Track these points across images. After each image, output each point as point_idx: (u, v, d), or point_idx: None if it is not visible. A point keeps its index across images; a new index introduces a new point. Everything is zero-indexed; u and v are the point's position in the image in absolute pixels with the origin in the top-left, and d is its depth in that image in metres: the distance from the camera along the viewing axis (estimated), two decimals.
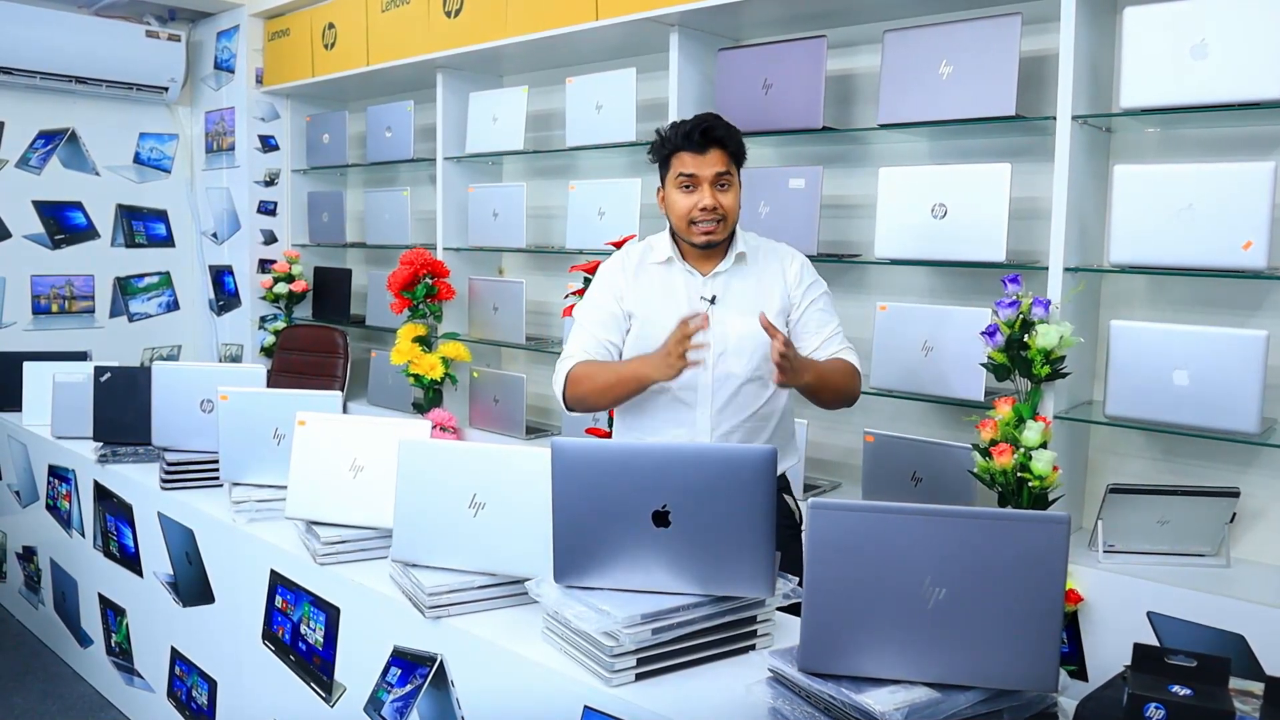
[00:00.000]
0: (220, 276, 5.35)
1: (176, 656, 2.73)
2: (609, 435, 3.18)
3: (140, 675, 2.96)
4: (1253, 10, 2.23)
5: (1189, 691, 1.26)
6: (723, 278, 2.17)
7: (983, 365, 2.58)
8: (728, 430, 2.15)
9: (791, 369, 1.95)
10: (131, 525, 2.87)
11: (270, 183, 5.19)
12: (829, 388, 2.13)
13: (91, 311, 5.14)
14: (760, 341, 2.12)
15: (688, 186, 2.12)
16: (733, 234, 2.19)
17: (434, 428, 3.76)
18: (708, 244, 2.14)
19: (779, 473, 2.23)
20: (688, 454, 1.55)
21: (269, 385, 2.74)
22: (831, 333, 2.20)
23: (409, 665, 1.85)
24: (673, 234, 2.22)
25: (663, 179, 2.20)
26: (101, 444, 3.02)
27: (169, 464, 2.69)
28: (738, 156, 2.17)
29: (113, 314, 5.22)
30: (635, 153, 3.67)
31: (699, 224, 2.11)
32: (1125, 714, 1.26)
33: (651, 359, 2.04)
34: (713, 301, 2.15)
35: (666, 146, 2.16)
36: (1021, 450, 2.41)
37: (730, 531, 1.52)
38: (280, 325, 5.04)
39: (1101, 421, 2.52)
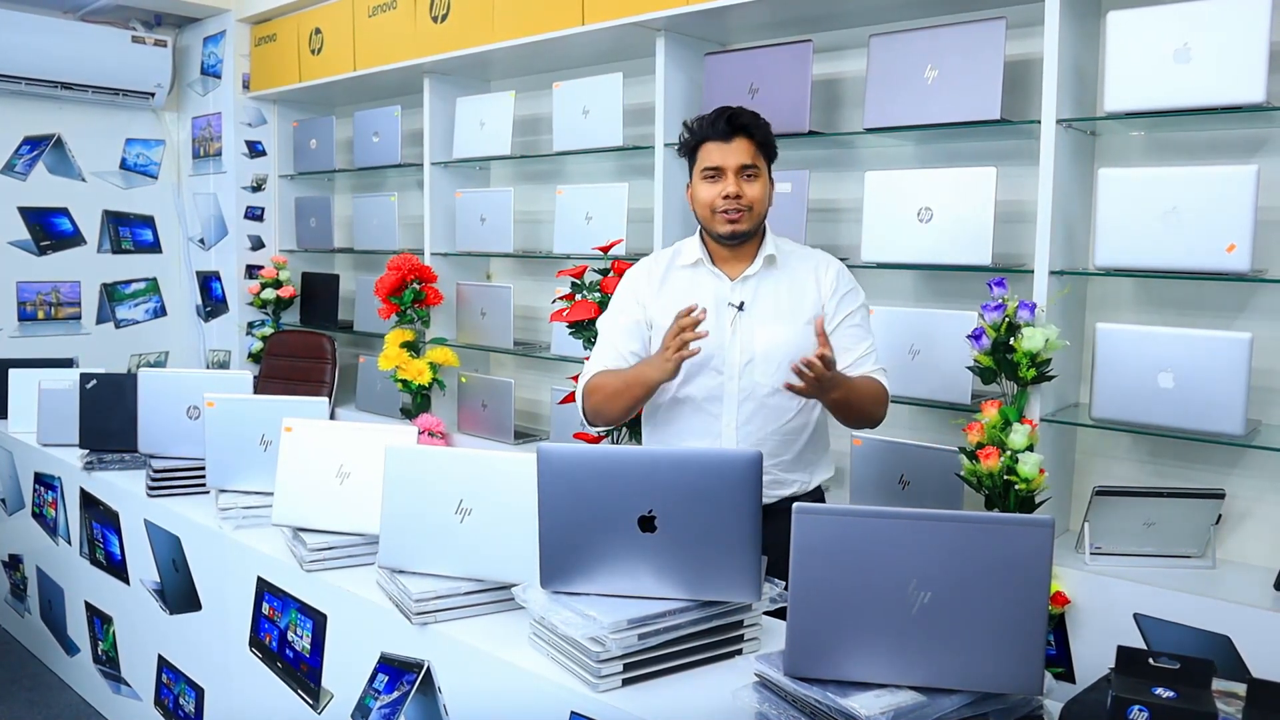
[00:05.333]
0: (208, 282, 5.33)
1: (164, 664, 2.72)
2: (597, 440, 3.18)
3: (127, 683, 2.94)
4: (1234, 15, 2.24)
5: (1172, 694, 1.26)
6: (752, 281, 2.11)
7: (969, 368, 2.59)
8: (754, 443, 2.07)
9: (816, 383, 1.87)
10: (118, 532, 2.85)
11: (258, 188, 5.17)
12: (854, 409, 2.06)
13: (78, 318, 5.11)
14: (789, 350, 2.03)
15: (713, 177, 2.06)
16: (763, 236, 2.13)
17: (422, 433, 3.76)
18: (733, 234, 2.06)
19: (814, 486, 2.18)
20: (673, 459, 1.55)
21: (257, 391, 2.74)
22: (864, 353, 2.11)
23: (396, 672, 1.85)
24: (702, 237, 2.15)
25: (691, 174, 2.13)
26: (87, 451, 3.00)
27: (155, 471, 2.68)
28: (766, 149, 2.10)
29: (99, 320, 5.19)
30: (623, 157, 3.68)
31: (723, 212, 2.04)
32: (1109, 716, 1.27)
33: (652, 359, 2.01)
34: (740, 308, 2.08)
35: (694, 138, 2.10)
36: (1008, 453, 2.42)
37: (716, 536, 1.52)
38: (268, 331, 5.03)
39: (1088, 424, 2.53)
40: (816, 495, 2.22)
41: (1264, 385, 2.44)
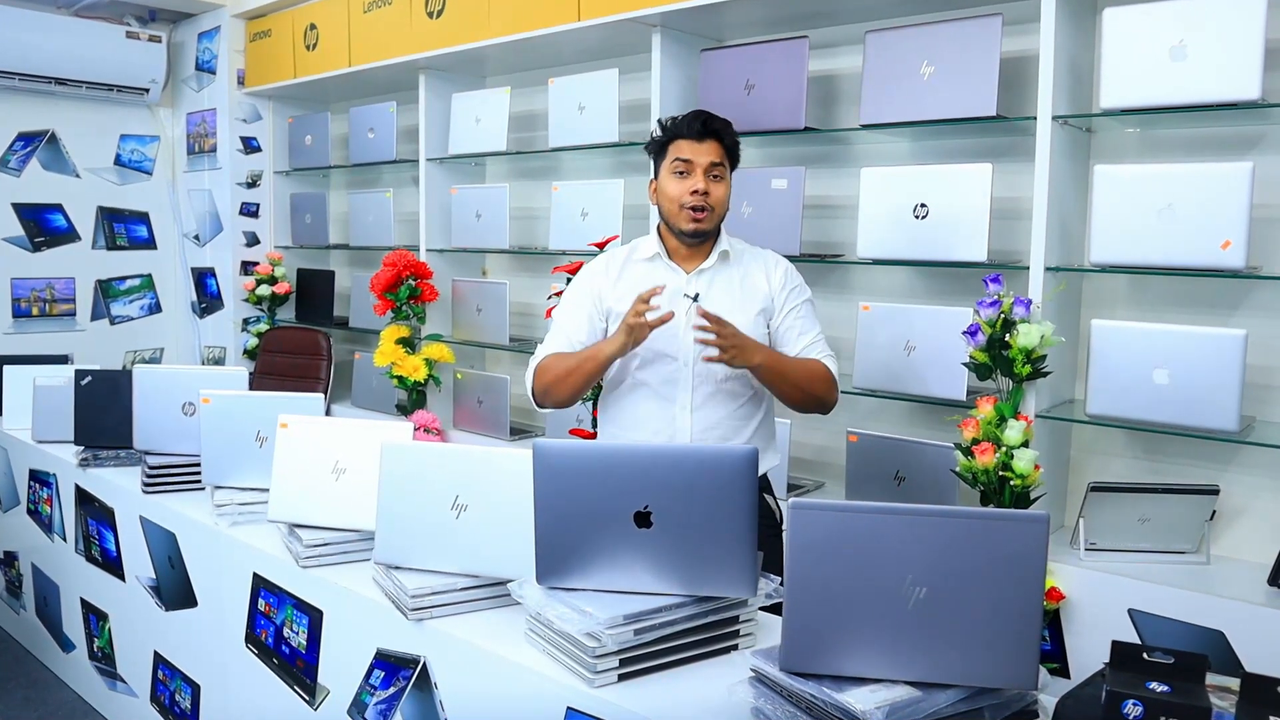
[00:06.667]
0: (203, 279, 5.32)
1: (159, 661, 2.72)
2: (593, 436, 3.18)
3: (123, 680, 2.94)
4: (1229, 12, 2.24)
5: (1167, 688, 1.27)
6: (707, 275, 2.19)
7: (964, 365, 2.59)
8: (707, 427, 2.16)
9: (733, 346, 2.00)
10: (113, 529, 2.85)
11: (252, 184, 5.16)
12: (789, 382, 2.13)
13: (73, 314, 5.11)
14: None
15: (682, 172, 2.13)
16: (719, 233, 2.21)
17: (418, 429, 3.76)
18: (695, 232, 2.15)
19: (760, 473, 2.26)
20: (669, 454, 1.56)
21: (253, 388, 2.73)
22: (812, 340, 2.21)
23: (392, 667, 1.85)
24: (660, 233, 2.23)
25: (657, 170, 2.21)
26: (83, 448, 3.00)
27: (151, 468, 2.67)
28: (732, 154, 2.19)
29: (94, 317, 5.19)
30: (618, 154, 3.67)
31: (690, 209, 2.12)
32: (1104, 711, 1.27)
33: (611, 337, 2.09)
34: (695, 299, 2.16)
35: (665, 134, 2.18)
36: (1003, 449, 2.42)
37: (712, 532, 1.52)
38: (263, 327, 5.02)
39: (1083, 420, 2.54)
40: (763, 482, 2.29)
41: (1258, 382, 2.44)
